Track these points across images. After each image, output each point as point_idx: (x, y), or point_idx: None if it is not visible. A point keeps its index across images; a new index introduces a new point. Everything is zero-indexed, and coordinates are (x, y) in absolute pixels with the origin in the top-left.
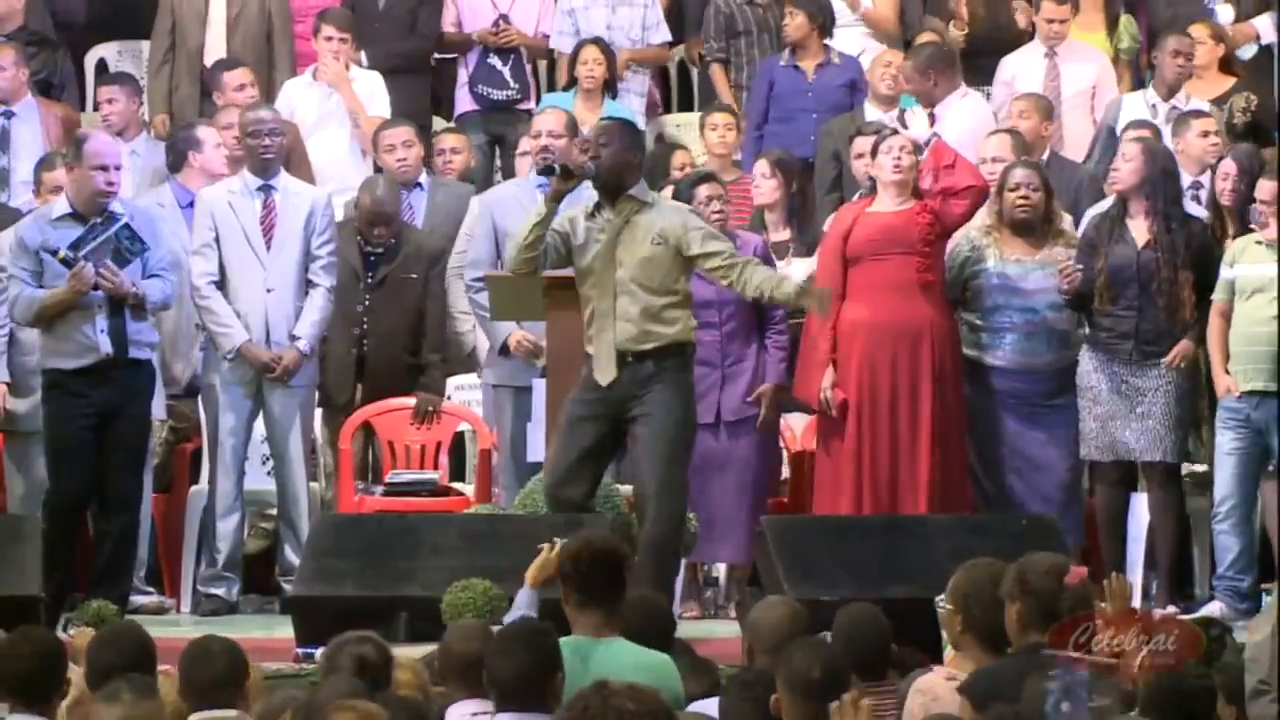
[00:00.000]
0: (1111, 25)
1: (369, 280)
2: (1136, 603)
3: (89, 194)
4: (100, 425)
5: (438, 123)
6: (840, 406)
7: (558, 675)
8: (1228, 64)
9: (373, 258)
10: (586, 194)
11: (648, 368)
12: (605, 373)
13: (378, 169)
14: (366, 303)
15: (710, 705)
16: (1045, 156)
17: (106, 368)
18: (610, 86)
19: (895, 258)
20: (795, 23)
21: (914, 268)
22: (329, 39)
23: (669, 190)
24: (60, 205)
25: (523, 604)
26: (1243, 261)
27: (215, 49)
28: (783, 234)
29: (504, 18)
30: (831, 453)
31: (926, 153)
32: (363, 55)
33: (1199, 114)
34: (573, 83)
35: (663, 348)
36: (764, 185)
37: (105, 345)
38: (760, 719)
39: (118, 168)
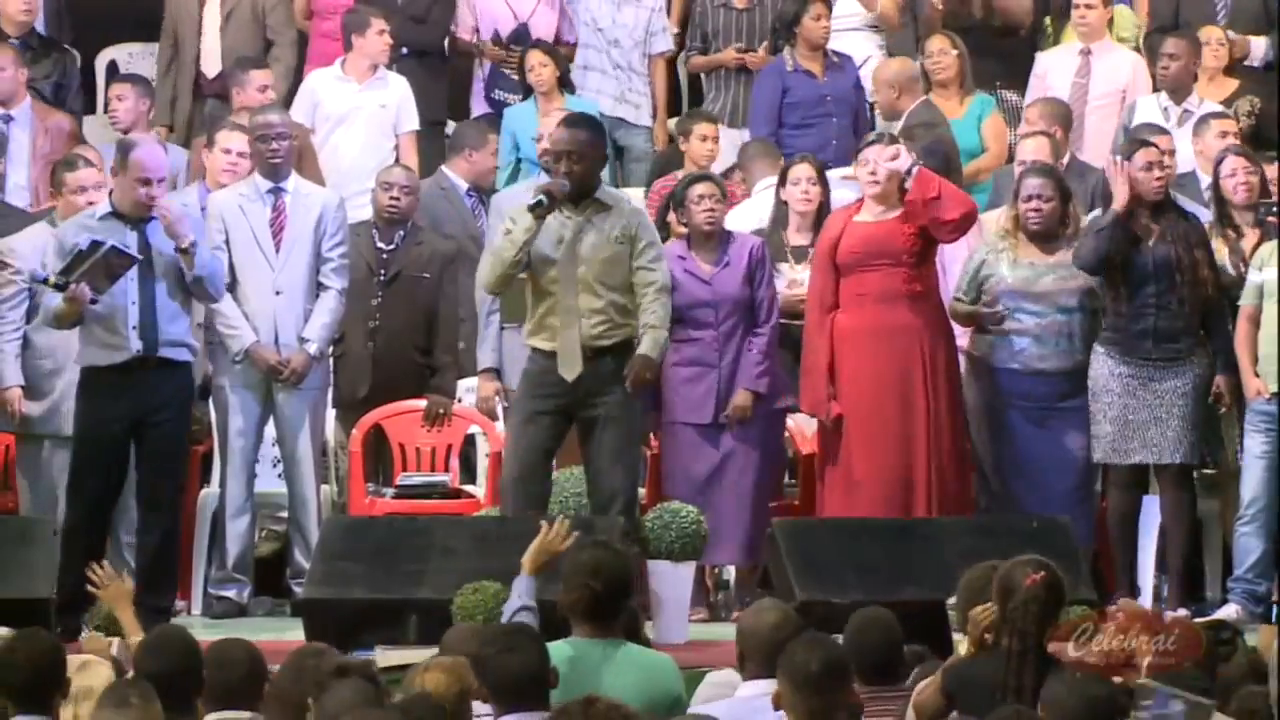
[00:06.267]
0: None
1: (381, 276)
2: (1146, 604)
3: (131, 203)
4: (133, 428)
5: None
6: (836, 420)
7: (554, 672)
8: (1231, 68)
9: (385, 254)
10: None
11: (608, 364)
12: (571, 369)
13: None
14: (380, 297)
15: (717, 707)
16: (1065, 160)
17: (139, 368)
18: (564, 82)
19: (881, 269)
20: (826, 23)
21: (900, 279)
22: (381, 32)
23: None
24: (103, 206)
25: (523, 593)
26: (1271, 265)
27: (211, 54)
28: (803, 239)
29: (524, 25)
30: (831, 460)
31: (910, 182)
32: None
33: (1218, 115)
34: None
35: (623, 343)
36: (812, 191)
37: (135, 343)
38: None
39: (160, 180)
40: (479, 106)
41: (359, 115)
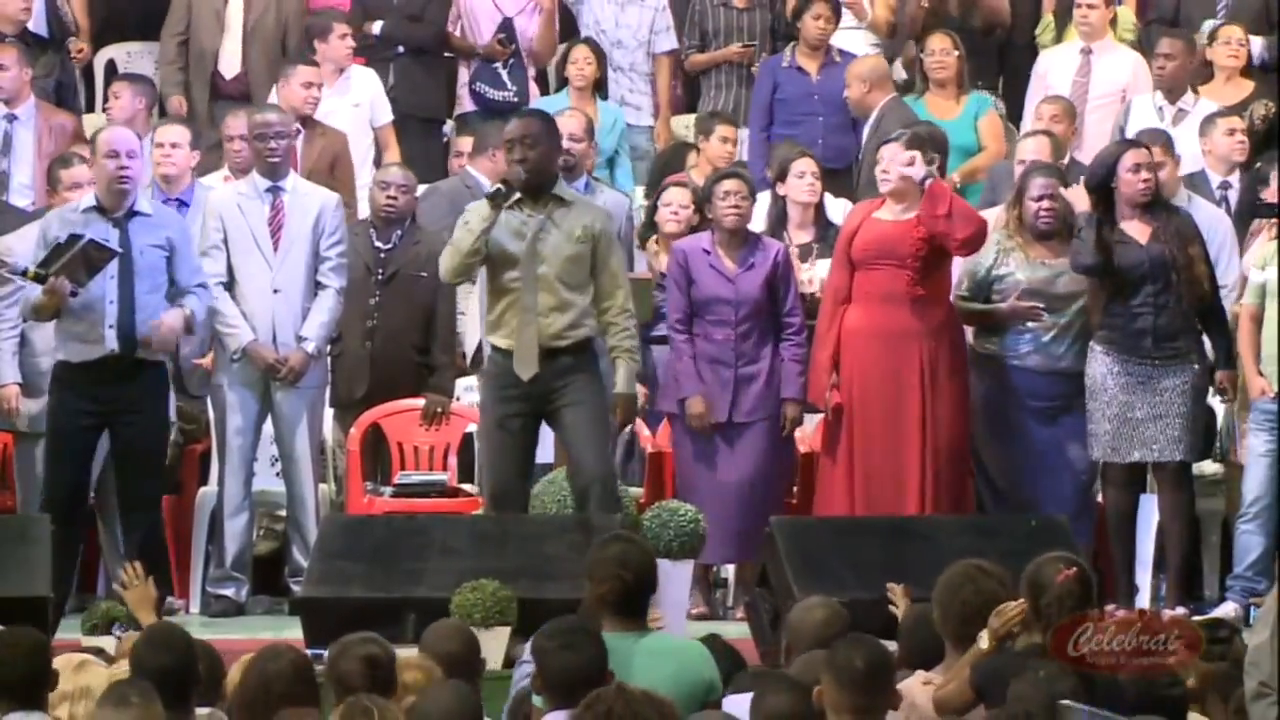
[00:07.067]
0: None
1: (379, 276)
2: (1144, 603)
3: (105, 183)
4: (106, 426)
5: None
6: (835, 410)
7: (611, 674)
8: (1248, 69)
9: (383, 254)
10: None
11: (566, 361)
12: (527, 368)
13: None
14: (378, 297)
15: (736, 703)
16: (1065, 161)
17: (114, 365)
18: (600, 86)
19: (888, 268)
20: (824, 25)
21: (904, 281)
22: (344, 36)
23: (678, 191)
24: (87, 199)
25: None
26: (1272, 264)
27: (231, 56)
28: (806, 236)
29: (509, 21)
30: (828, 456)
31: (923, 196)
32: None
33: (1224, 113)
34: (563, 83)
35: (580, 343)
36: (815, 185)
37: (111, 342)
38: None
39: (130, 154)
40: (465, 103)
41: (334, 119)
